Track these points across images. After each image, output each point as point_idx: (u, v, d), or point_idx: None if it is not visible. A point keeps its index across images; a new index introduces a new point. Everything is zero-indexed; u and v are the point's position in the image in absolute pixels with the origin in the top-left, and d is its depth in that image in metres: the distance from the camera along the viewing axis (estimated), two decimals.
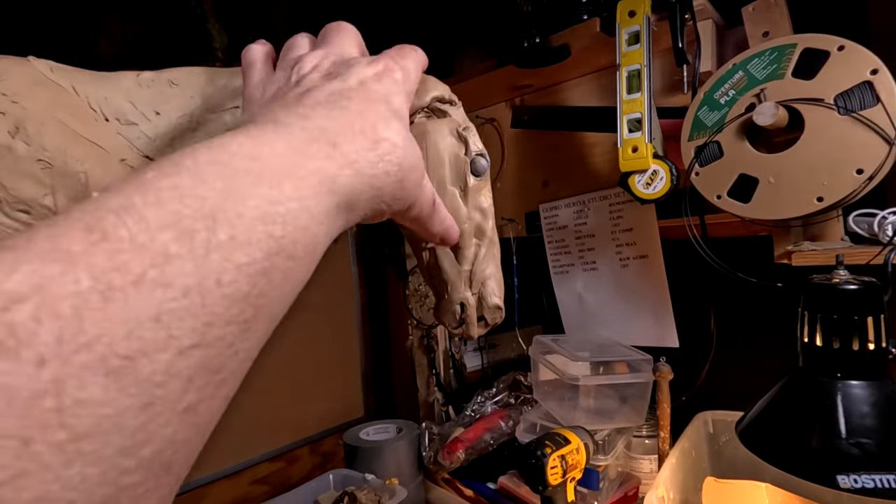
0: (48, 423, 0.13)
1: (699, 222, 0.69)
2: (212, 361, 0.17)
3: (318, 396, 1.10)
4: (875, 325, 0.46)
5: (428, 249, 0.38)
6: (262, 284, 0.18)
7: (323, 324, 1.11)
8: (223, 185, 0.18)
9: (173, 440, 0.16)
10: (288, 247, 0.19)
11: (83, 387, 0.13)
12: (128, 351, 0.14)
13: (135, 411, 0.14)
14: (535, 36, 0.77)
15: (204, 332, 0.16)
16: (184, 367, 0.16)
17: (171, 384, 0.15)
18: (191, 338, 0.16)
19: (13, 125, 0.32)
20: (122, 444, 0.14)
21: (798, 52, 0.56)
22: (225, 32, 0.92)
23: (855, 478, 0.41)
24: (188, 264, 0.16)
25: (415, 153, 0.27)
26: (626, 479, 0.81)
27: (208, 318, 0.16)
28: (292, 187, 0.20)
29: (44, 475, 0.13)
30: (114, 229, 0.15)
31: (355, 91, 0.26)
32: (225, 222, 0.17)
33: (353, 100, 0.25)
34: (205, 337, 0.16)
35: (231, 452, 0.98)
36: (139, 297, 0.15)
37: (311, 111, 0.24)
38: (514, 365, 1.11)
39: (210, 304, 0.16)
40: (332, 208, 0.22)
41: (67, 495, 0.13)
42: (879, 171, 0.52)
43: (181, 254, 0.16)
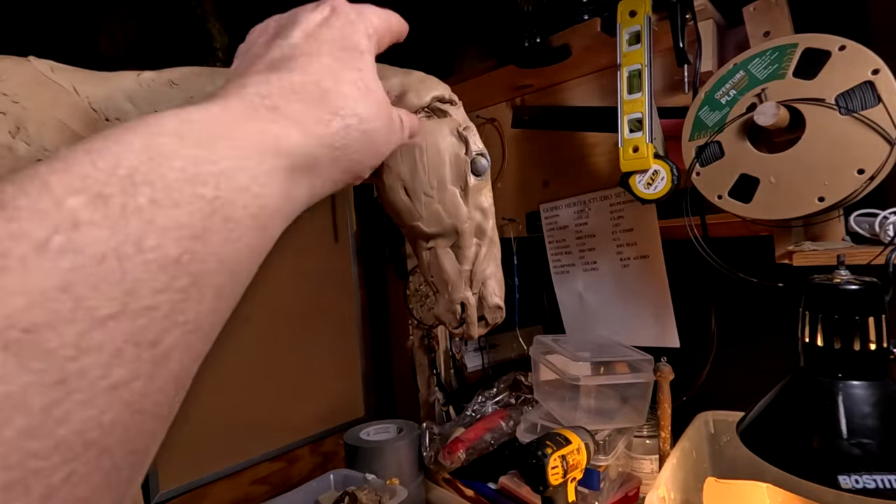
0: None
1: (700, 222, 0.68)
2: (143, 333, 0.15)
3: (319, 396, 1.10)
4: (876, 326, 0.46)
5: (428, 249, 0.38)
6: (197, 248, 0.17)
7: (323, 324, 1.11)
8: (142, 145, 0.17)
9: (100, 421, 0.15)
10: (223, 208, 0.18)
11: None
12: (28, 323, 0.13)
13: (41, 388, 0.13)
14: (536, 36, 0.77)
15: (126, 300, 0.15)
16: (102, 339, 0.14)
17: (87, 358, 0.14)
18: (108, 307, 0.15)
19: (14, 125, 0.32)
20: (28, 424, 0.13)
21: (799, 51, 0.56)
22: (225, 32, 0.92)
23: (856, 478, 0.41)
24: (103, 230, 0.15)
25: (376, 100, 0.25)
26: (627, 480, 0.81)
27: (130, 285, 0.15)
28: (225, 146, 0.19)
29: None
30: (11, 198, 0.14)
31: (300, 47, 0.25)
32: (145, 184, 0.16)
33: (296, 59, 0.24)
34: (127, 306, 0.15)
35: (231, 452, 0.98)
36: (41, 265, 0.14)
37: (250, 80, 0.23)
38: (514, 365, 1.11)
39: (130, 270, 0.15)
40: (281, 171, 0.21)
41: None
42: (881, 171, 0.52)
43: (94, 220, 0.15)
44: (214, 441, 0.95)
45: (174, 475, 0.91)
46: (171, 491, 0.90)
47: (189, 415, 0.93)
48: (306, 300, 1.09)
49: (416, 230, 0.37)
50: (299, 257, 1.09)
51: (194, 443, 0.93)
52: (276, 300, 1.05)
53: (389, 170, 0.38)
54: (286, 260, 1.06)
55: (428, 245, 0.38)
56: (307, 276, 1.10)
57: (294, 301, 1.07)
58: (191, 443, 0.93)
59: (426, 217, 0.37)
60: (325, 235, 1.16)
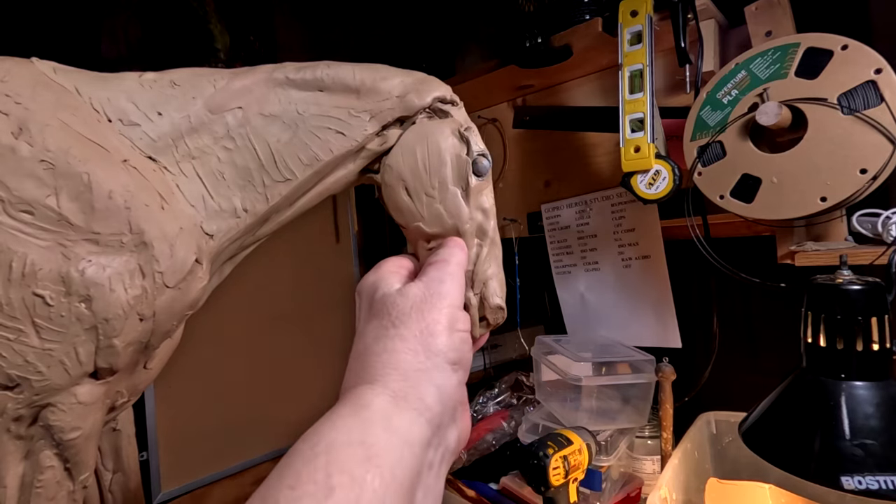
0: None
1: (702, 222, 0.68)
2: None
3: (320, 396, 1.10)
4: (879, 326, 0.46)
5: (430, 250, 0.38)
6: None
7: (324, 323, 1.11)
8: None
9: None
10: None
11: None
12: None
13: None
14: (538, 36, 0.77)
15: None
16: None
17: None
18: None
19: (16, 126, 0.32)
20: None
21: (801, 51, 0.56)
22: (227, 33, 0.92)
23: (859, 479, 0.41)
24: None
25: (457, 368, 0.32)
26: (629, 480, 0.81)
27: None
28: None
29: None
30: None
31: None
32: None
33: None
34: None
35: (233, 452, 0.98)
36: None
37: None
38: (516, 365, 1.11)
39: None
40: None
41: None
42: (883, 171, 0.52)
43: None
44: (216, 441, 0.95)
45: (175, 475, 0.91)
46: (172, 491, 0.90)
47: (190, 415, 0.93)
48: (308, 300, 1.09)
49: (418, 230, 0.37)
50: (301, 258, 1.09)
51: (195, 443, 0.93)
52: (277, 300, 1.05)
53: (391, 170, 0.38)
54: (288, 260, 1.07)
55: (429, 246, 0.38)
56: (309, 276, 1.10)
57: (295, 301, 1.07)
58: (192, 443, 0.93)
59: (427, 217, 0.37)
60: (327, 236, 1.16)
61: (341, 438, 0.26)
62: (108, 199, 0.33)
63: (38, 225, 0.32)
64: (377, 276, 0.35)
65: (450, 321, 0.32)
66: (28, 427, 0.34)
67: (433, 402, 0.29)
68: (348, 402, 0.28)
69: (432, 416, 0.29)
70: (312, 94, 0.39)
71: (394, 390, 0.29)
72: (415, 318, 0.31)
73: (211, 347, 0.95)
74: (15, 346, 0.32)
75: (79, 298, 0.32)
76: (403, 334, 0.31)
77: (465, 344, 0.32)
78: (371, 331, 0.32)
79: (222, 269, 0.42)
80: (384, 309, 0.32)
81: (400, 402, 0.28)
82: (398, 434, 0.27)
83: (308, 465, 0.25)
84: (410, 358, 0.30)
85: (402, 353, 0.30)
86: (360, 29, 1.20)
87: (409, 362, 0.30)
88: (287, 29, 1.07)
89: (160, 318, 0.36)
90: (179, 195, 0.37)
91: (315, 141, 0.38)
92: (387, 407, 0.28)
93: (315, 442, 0.26)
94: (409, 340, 0.30)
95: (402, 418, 0.28)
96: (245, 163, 0.38)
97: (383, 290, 0.34)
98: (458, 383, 0.32)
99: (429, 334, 0.31)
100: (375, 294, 0.34)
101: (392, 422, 0.27)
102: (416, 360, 0.30)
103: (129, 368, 0.37)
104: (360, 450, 0.25)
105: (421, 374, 0.30)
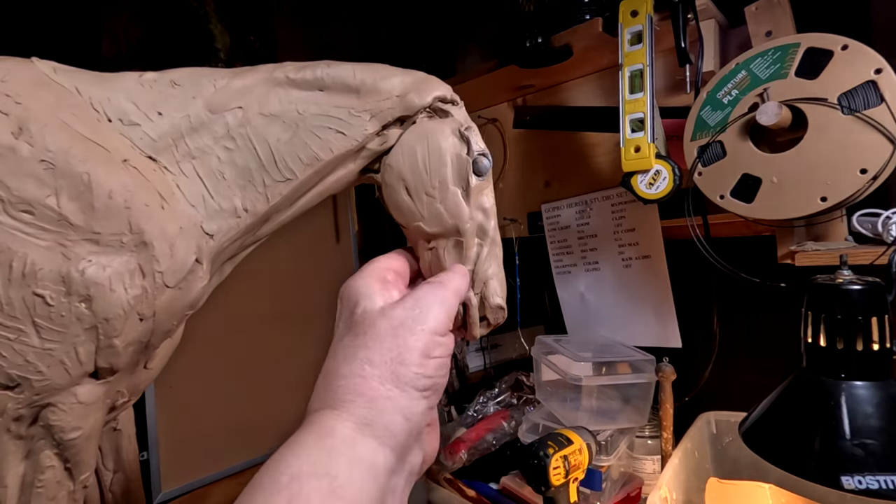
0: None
1: (702, 222, 0.68)
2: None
3: None
4: (879, 326, 0.46)
5: (430, 249, 0.38)
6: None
7: (324, 323, 1.11)
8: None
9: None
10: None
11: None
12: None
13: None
14: (538, 36, 0.77)
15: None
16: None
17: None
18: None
19: (17, 126, 0.32)
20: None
21: (801, 51, 0.56)
22: (227, 33, 0.92)
23: (859, 479, 0.41)
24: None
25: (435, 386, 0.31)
26: (629, 480, 0.81)
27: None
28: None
29: None
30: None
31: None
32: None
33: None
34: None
35: (233, 452, 0.98)
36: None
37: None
38: (516, 365, 1.11)
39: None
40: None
41: None
42: (883, 171, 0.52)
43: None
44: (216, 441, 0.95)
45: (175, 475, 0.91)
46: (172, 491, 0.90)
47: (190, 415, 0.93)
48: (308, 300, 1.09)
49: (418, 230, 0.37)
50: (301, 258, 1.09)
51: (196, 443, 0.93)
52: (277, 300, 1.05)
53: (391, 169, 0.38)
54: (288, 260, 1.07)
55: (430, 245, 0.38)
56: (309, 276, 1.10)
57: (296, 301, 1.07)
58: (192, 443, 0.93)
59: (428, 217, 0.37)
60: (327, 236, 1.16)
61: (305, 470, 0.25)
62: (109, 199, 0.33)
63: (38, 225, 0.32)
64: (360, 285, 0.34)
65: (426, 348, 0.30)
66: (28, 427, 0.34)
67: (398, 430, 0.29)
68: (312, 429, 0.28)
69: (396, 444, 0.29)
70: (312, 94, 0.39)
71: (359, 417, 0.28)
72: (388, 344, 0.30)
73: (211, 347, 0.95)
74: (15, 345, 0.32)
75: (79, 298, 0.32)
76: (373, 359, 0.30)
77: (440, 370, 0.31)
78: (343, 349, 0.31)
79: (222, 268, 0.42)
80: (361, 327, 0.31)
81: (364, 429, 0.28)
82: (362, 464, 0.27)
83: (272, 500, 0.24)
84: (377, 385, 0.29)
85: (370, 379, 0.29)
86: (360, 29, 1.20)
87: (376, 389, 0.29)
88: (287, 29, 1.07)
89: (160, 318, 0.36)
90: (179, 195, 0.37)
91: (315, 140, 0.38)
92: (351, 435, 0.27)
93: (280, 473, 0.25)
94: (378, 366, 0.29)
95: (366, 447, 0.27)
96: (245, 162, 0.38)
97: (364, 305, 0.32)
98: (427, 409, 0.31)
99: (399, 363, 0.30)
100: (356, 308, 0.32)
101: (356, 451, 0.27)
102: (383, 387, 0.29)
103: (129, 368, 0.37)
104: (324, 482, 0.25)
105: (387, 401, 0.29)
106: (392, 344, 0.30)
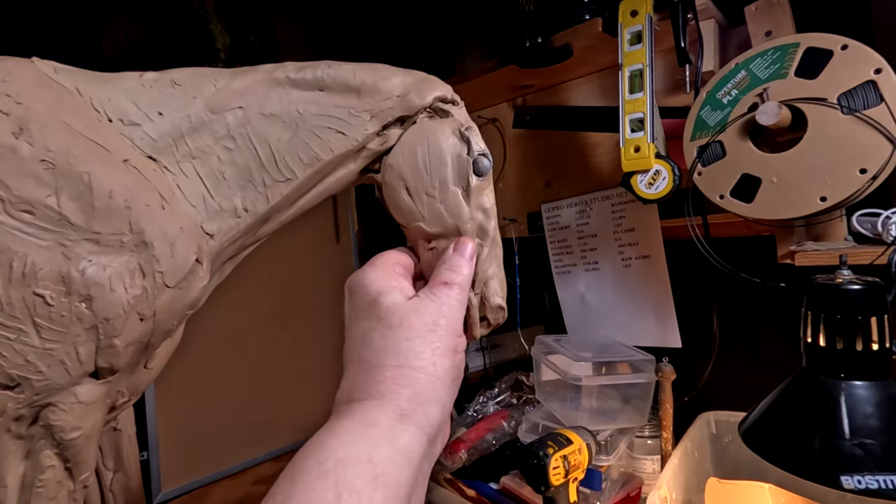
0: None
1: (702, 222, 0.68)
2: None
3: (321, 396, 1.10)
4: (879, 326, 0.46)
5: (430, 249, 0.38)
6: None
7: (325, 323, 1.11)
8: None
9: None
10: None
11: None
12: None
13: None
14: (538, 36, 0.77)
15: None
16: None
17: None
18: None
19: (17, 126, 0.32)
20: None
21: (801, 51, 0.56)
22: (227, 33, 0.92)
23: (858, 479, 0.41)
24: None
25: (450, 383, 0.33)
26: (629, 480, 0.81)
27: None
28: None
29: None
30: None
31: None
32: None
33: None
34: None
35: (233, 452, 0.98)
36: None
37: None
38: (516, 365, 1.11)
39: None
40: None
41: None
42: (883, 171, 0.52)
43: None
44: (216, 441, 0.95)
45: (175, 475, 0.91)
46: (172, 491, 0.90)
47: (190, 415, 0.93)
48: (308, 300, 1.09)
49: (418, 230, 0.37)
50: (301, 257, 1.09)
51: (195, 443, 0.93)
52: (277, 300, 1.05)
53: (391, 169, 0.38)
54: (288, 260, 1.07)
55: (430, 245, 0.38)
56: (309, 276, 1.10)
57: (296, 301, 1.07)
58: (192, 443, 0.93)
59: (428, 217, 0.37)
60: (327, 236, 1.16)
61: (350, 456, 0.27)
62: (109, 199, 0.33)
63: (38, 225, 0.32)
64: (378, 277, 0.35)
65: (455, 345, 0.33)
66: (29, 427, 0.34)
67: (437, 418, 0.31)
68: (355, 418, 0.29)
69: (432, 431, 0.31)
70: (313, 94, 0.39)
71: (402, 408, 0.30)
72: (428, 338, 0.32)
73: (211, 347, 0.95)
74: (15, 345, 0.32)
75: (79, 298, 0.32)
76: (417, 352, 0.32)
77: (462, 363, 0.34)
78: (380, 339, 0.32)
79: (223, 268, 0.42)
80: (393, 318, 0.32)
81: (406, 419, 0.30)
82: (402, 452, 0.28)
83: (318, 483, 0.25)
84: (423, 378, 0.31)
85: (418, 371, 0.31)
86: (360, 29, 1.20)
87: (422, 382, 0.31)
88: (287, 29, 1.07)
89: (160, 318, 0.36)
90: (180, 195, 0.37)
91: (315, 140, 0.38)
92: (393, 425, 0.29)
93: (323, 458, 0.27)
94: (423, 359, 0.31)
95: (406, 435, 0.29)
96: (246, 162, 0.38)
97: (391, 297, 0.33)
98: (454, 398, 0.33)
99: (440, 355, 0.32)
100: (380, 299, 0.33)
101: (398, 440, 0.29)
102: (428, 380, 0.31)
103: (129, 368, 0.37)
104: (368, 468, 0.26)
105: (431, 393, 0.31)
106: (432, 338, 0.32)
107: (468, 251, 0.36)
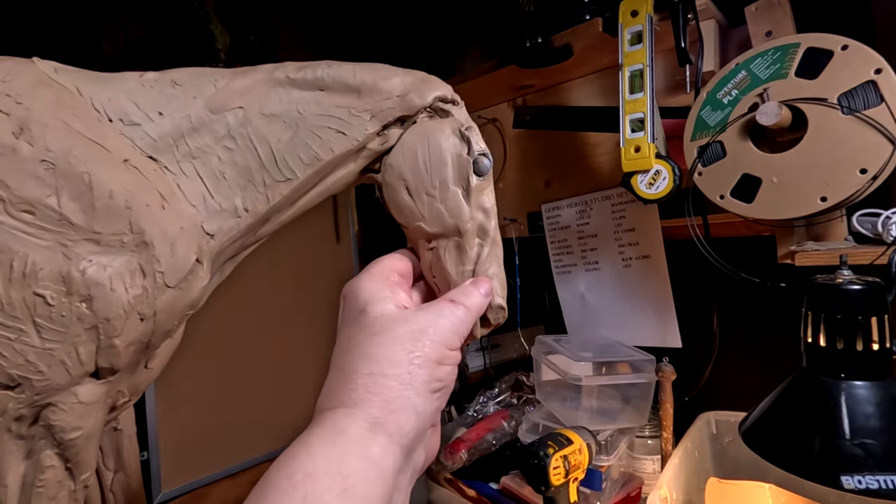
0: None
1: (702, 222, 0.68)
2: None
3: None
4: (879, 326, 0.46)
5: (430, 249, 0.38)
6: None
7: (324, 323, 1.11)
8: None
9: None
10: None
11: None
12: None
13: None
14: (538, 36, 0.77)
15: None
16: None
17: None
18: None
19: (17, 126, 0.32)
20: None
21: (801, 51, 0.56)
22: (227, 33, 0.92)
23: (859, 479, 0.41)
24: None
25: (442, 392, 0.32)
26: (629, 480, 0.81)
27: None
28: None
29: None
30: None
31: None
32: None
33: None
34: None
35: (233, 452, 0.98)
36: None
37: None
38: (516, 365, 1.11)
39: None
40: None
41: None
42: (883, 171, 0.52)
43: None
44: (216, 441, 0.95)
45: (176, 475, 0.91)
46: (172, 491, 0.90)
47: (190, 415, 0.93)
48: (308, 300, 1.09)
49: (419, 230, 0.37)
50: (301, 258, 1.09)
51: (196, 443, 0.93)
52: (277, 300, 1.05)
53: (392, 169, 0.38)
54: (288, 260, 1.07)
55: (430, 245, 0.38)
56: (309, 276, 1.10)
57: (296, 301, 1.07)
58: (192, 443, 0.93)
59: (428, 217, 0.37)
60: (327, 236, 1.16)
61: (319, 468, 0.26)
62: (109, 199, 0.33)
63: (38, 225, 0.32)
64: (369, 287, 0.34)
65: (440, 357, 0.32)
66: (29, 427, 0.34)
67: (409, 428, 0.30)
68: (326, 428, 0.28)
69: (407, 442, 0.30)
70: (313, 94, 0.39)
71: (372, 416, 0.29)
72: (409, 346, 0.31)
73: (211, 347, 0.95)
74: (16, 345, 0.32)
75: (79, 298, 0.32)
76: (393, 360, 0.30)
77: (450, 375, 0.33)
78: (358, 347, 0.32)
79: (223, 268, 0.42)
80: (377, 327, 0.32)
81: (377, 428, 0.29)
82: (373, 463, 0.27)
83: (285, 498, 0.25)
84: (396, 385, 0.30)
85: (390, 379, 0.30)
86: (360, 29, 1.20)
87: (395, 389, 0.30)
88: (287, 29, 1.07)
89: (161, 318, 0.36)
90: (180, 195, 0.37)
91: (316, 140, 0.38)
92: (364, 434, 0.28)
93: (292, 471, 0.26)
94: (397, 367, 0.30)
95: (377, 446, 0.28)
96: (246, 162, 0.38)
97: (379, 307, 0.33)
98: (437, 409, 0.32)
99: (417, 365, 0.31)
100: (368, 309, 0.33)
101: (368, 451, 0.28)
102: (401, 387, 0.30)
103: (129, 368, 0.37)
104: (337, 481, 0.26)
105: (404, 401, 0.30)
106: (412, 346, 0.31)
107: (485, 287, 0.36)
